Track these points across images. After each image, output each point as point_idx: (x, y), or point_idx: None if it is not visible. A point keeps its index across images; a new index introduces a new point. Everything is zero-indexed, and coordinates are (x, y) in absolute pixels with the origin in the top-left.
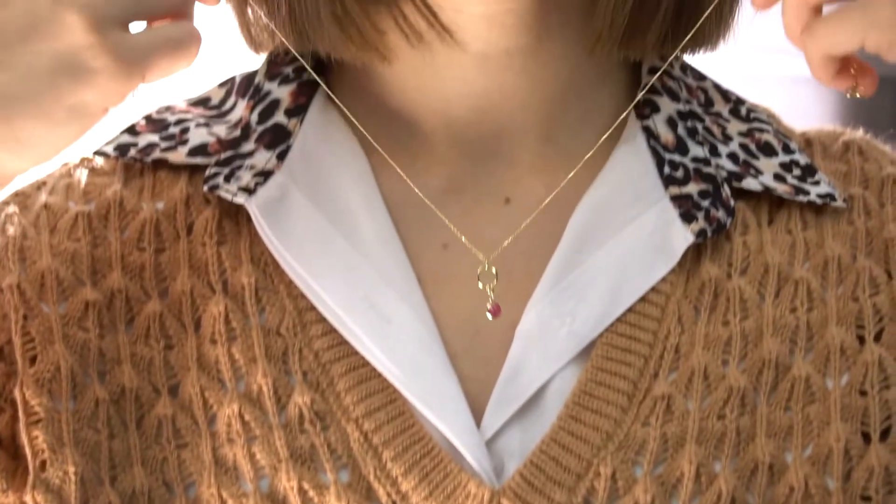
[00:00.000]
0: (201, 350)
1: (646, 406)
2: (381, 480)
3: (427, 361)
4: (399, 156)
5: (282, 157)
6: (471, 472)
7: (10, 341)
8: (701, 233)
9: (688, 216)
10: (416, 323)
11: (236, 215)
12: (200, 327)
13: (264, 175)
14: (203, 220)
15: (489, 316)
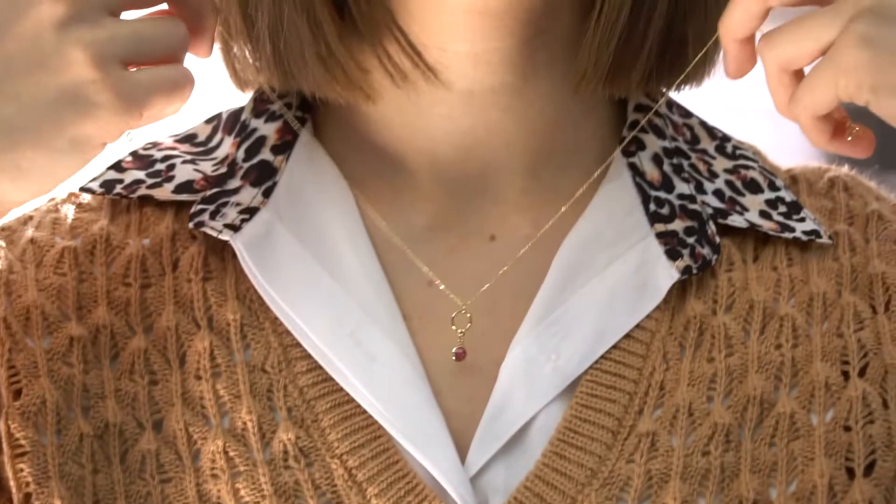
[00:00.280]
0: (186, 386)
1: (630, 443)
2: None
3: (412, 398)
4: (384, 193)
5: (267, 194)
6: None
7: None
8: (686, 270)
9: (673, 253)
10: (401, 360)
11: (222, 252)
12: (185, 363)
13: (250, 212)
14: (189, 256)
15: (454, 359)
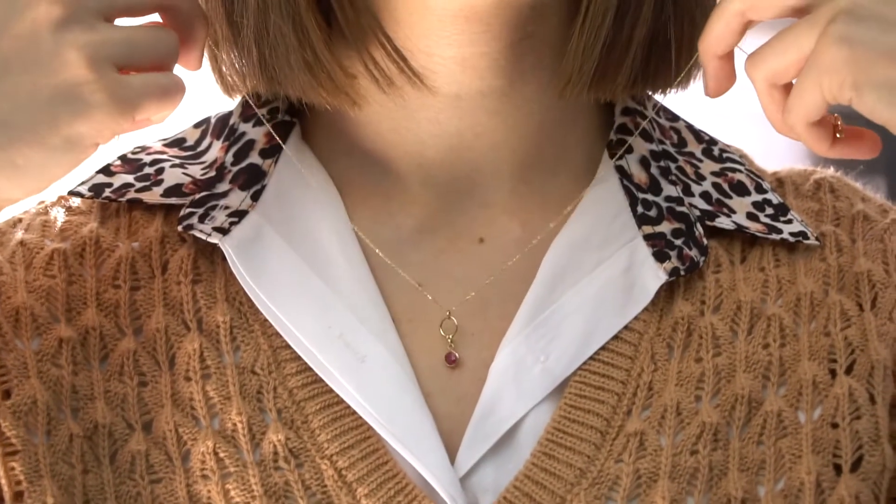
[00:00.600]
0: (175, 387)
1: (619, 443)
2: None
3: (401, 399)
4: (373, 196)
5: (256, 198)
6: None
7: None
8: (674, 271)
9: (661, 255)
10: (390, 361)
11: (211, 255)
12: (175, 364)
13: (239, 215)
14: (178, 258)
15: (446, 363)
